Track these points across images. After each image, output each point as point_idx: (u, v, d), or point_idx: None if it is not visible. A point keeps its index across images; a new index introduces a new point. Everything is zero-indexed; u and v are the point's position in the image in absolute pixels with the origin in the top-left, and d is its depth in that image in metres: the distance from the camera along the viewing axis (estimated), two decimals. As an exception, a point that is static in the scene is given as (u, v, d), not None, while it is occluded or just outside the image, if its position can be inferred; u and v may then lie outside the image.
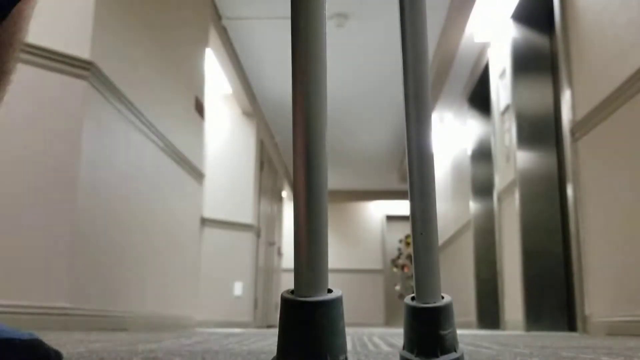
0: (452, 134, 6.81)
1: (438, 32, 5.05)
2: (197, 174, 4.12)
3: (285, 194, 9.86)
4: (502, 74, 4.55)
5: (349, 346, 1.32)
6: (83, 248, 2.50)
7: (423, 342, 0.54)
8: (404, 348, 0.57)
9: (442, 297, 0.58)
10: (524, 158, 4.09)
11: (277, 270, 8.26)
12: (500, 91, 4.65)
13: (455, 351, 0.54)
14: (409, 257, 11.21)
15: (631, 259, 2.56)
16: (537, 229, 3.97)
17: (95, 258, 2.62)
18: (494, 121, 4.87)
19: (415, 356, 0.54)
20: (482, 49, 5.23)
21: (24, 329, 0.71)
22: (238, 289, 5.81)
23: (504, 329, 4.51)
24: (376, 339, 1.86)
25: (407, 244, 11.27)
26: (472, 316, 5.60)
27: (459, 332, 3.71)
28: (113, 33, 2.79)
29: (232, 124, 6.24)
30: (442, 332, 0.54)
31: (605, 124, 2.83)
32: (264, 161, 6.99)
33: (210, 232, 5.69)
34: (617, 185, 2.70)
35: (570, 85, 3.27)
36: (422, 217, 0.60)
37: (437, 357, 0.53)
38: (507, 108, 4.45)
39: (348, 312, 10.86)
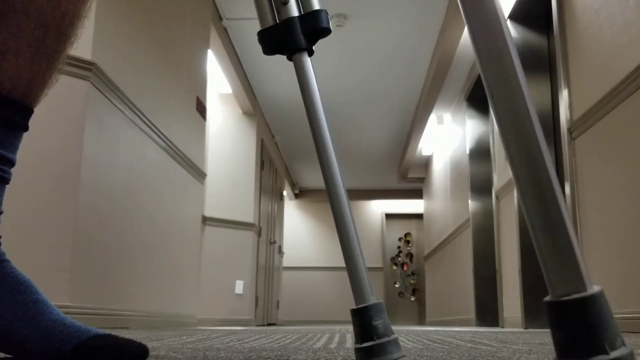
0: (451, 133, 6.83)
1: (437, 32, 5.06)
2: (199, 174, 4.14)
3: (286, 192, 9.87)
4: (501, 73, 4.57)
5: (349, 344, 1.34)
6: (85, 246, 2.52)
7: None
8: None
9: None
10: (522, 157, 4.11)
11: (277, 268, 8.28)
12: (499, 90, 4.66)
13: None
14: (408, 255, 11.22)
15: (628, 256, 2.58)
16: (535, 227, 3.99)
17: (96, 257, 2.64)
18: (492, 120, 4.89)
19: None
20: (481, 48, 5.25)
21: None
22: (239, 287, 5.83)
23: (502, 326, 4.53)
24: (376, 336, 1.87)
25: (407, 242, 11.29)
26: (471, 314, 5.62)
27: (457, 329, 3.72)
28: (114, 34, 2.81)
29: (232, 123, 6.26)
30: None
31: (602, 122, 2.85)
32: (265, 160, 7.01)
33: (211, 231, 5.71)
34: (614, 183, 2.73)
35: (568, 84, 3.29)
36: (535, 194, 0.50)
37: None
38: (505, 107, 4.46)
39: (349, 310, 10.87)
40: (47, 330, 0.69)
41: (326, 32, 0.68)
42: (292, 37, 0.67)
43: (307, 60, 0.70)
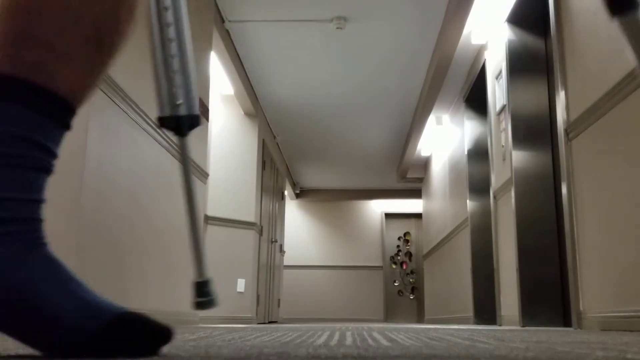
0: (450, 134, 6.86)
1: (436, 34, 5.10)
2: (201, 174, 4.18)
3: (287, 192, 9.90)
4: (498, 75, 4.61)
5: (349, 341, 1.37)
6: (87, 246, 2.56)
7: None
8: None
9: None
10: (519, 157, 4.15)
11: (278, 267, 8.31)
12: (497, 92, 4.70)
13: None
14: (407, 254, 11.26)
15: (625, 255, 2.61)
16: (532, 226, 4.03)
17: (99, 256, 2.67)
18: (490, 121, 4.92)
19: None
20: (479, 51, 5.29)
21: None
22: (241, 285, 5.87)
23: (500, 325, 4.57)
24: (376, 334, 1.90)
25: (406, 241, 11.32)
26: (469, 312, 5.66)
27: (455, 327, 3.78)
28: (118, 37, 2.84)
29: (234, 124, 6.29)
30: None
31: (598, 124, 2.88)
32: (266, 160, 7.04)
33: (213, 230, 5.75)
34: (610, 184, 2.76)
35: (565, 86, 3.32)
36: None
37: None
38: (503, 108, 4.50)
39: (348, 308, 10.91)
40: (83, 304, 0.73)
41: (198, 125, 1.13)
42: (181, 128, 1.08)
43: (187, 143, 1.12)
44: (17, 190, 0.73)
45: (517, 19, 4.28)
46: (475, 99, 5.74)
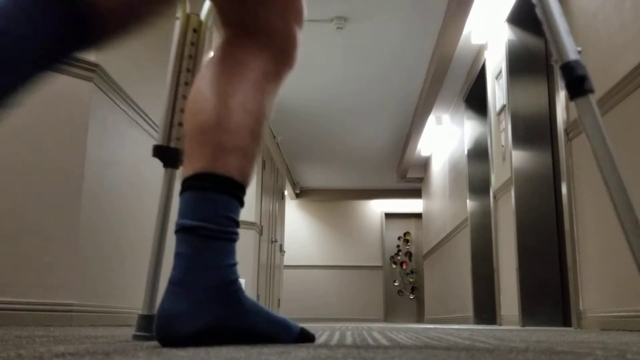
0: (450, 134, 6.87)
1: (436, 34, 5.10)
2: (199, 174, 4.17)
3: (287, 192, 9.90)
4: (498, 75, 4.61)
5: (349, 341, 1.37)
6: (89, 246, 2.56)
7: None
8: None
9: None
10: (519, 157, 4.15)
11: (278, 267, 8.32)
12: (496, 92, 4.70)
13: None
14: (407, 254, 11.26)
15: (624, 254, 2.62)
16: (532, 226, 4.03)
17: (100, 256, 2.68)
18: (490, 121, 4.93)
19: None
20: (479, 51, 5.29)
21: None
22: (241, 285, 5.87)
23: (500, 324, 4.57)
24: (375, 334, 1.91)
25: (406, 241, 11.32)
26: (469, 311, 5.67)
27: (455, 327, 3.77)
28: (118, 37, 2.84)
29: (232, 123, 6.29)
30: None
31: (598, 124, 2.88)
32: (266, 160, 7.05)
33: (211, 231, 5.74)
34: (609, 185, 2.76)
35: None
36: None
37: None
38: (503, 108, 4.51)
39: (348, 307, 10.91)
40: (279, 325, 1.06)
41: None
42: (173, 160, 1.20)
43: (174, 176, 1.19)
44: (233, 257, 1.03)
45: (517, 19, 4.29)
46: (475, 99, 5.75)
